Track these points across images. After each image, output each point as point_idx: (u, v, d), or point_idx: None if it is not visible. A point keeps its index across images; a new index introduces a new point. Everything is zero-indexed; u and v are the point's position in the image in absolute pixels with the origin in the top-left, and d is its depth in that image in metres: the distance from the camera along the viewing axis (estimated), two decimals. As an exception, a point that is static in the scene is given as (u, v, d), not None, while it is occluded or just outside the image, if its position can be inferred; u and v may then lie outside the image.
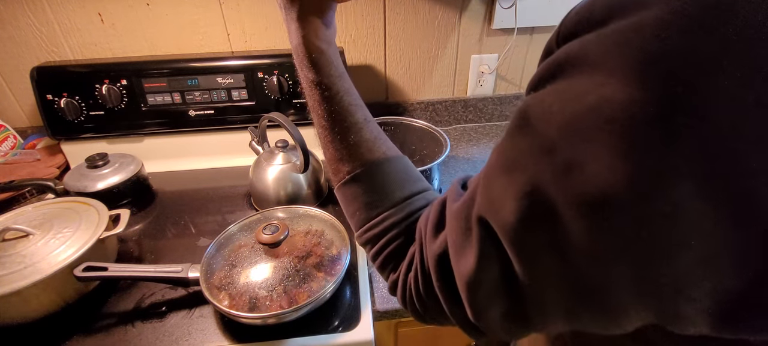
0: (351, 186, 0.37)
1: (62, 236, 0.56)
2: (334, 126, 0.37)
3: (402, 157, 0.38)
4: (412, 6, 0.92)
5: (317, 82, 0.37)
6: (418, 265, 0.31)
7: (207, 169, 0.92)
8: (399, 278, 0.34)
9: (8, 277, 0.50)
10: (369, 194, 0.36)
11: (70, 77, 0.80)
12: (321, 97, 0.37)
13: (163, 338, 0.52)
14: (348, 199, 0.38)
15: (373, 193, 0.36)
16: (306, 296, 0.50)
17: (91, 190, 0.74)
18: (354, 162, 0.36)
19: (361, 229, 0.37)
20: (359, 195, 0.36)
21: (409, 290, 0.32)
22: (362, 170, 0.36)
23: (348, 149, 0.36)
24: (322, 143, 0.39)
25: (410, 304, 0.33)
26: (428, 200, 0.36)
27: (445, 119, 1.08)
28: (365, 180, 0.36)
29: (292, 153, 0.75)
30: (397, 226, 0.34)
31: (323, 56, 0.37)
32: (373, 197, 0.36)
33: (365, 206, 0.36)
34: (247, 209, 0.78)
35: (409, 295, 0.33)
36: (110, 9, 0.84)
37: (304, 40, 0.36)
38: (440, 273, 0.28)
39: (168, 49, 0.90)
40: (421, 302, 0.32)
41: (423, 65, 1.01)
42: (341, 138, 0.36)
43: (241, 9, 0.87)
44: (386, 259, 0.35)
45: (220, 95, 0.85)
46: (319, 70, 0.36)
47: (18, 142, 0.92)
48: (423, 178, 0.38)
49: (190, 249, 0.67)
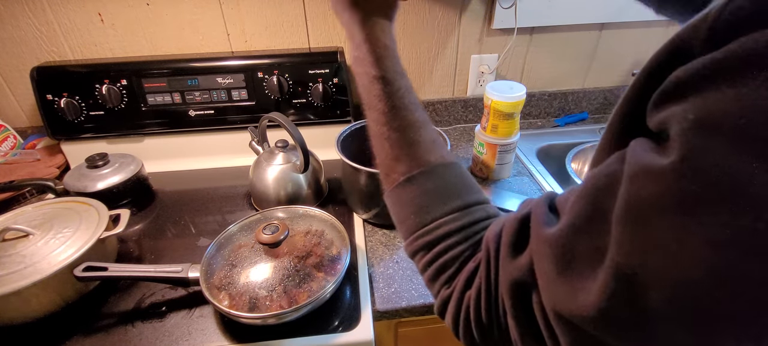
0: (406, 188, 0.34)
1: (62, 236, 0.56)
2: (393, 121, 0.35)
3: (460, 164, 0.36)
4: (412, 6, 0.92)
5: (380, 76, 0.35)
6: (483, 284, 0.28)
7: (207, 169, 0.92)
8: (452, 295, 0.30)
9: (8, 277, 0.50)
10: (425, 197, 0.33)
11: (70, 77, 0.80)
12: (382, 92, 0.35)
13: (163, 338, 0.52)
14: (401, 202, 0.35)
15: (430, 197, 0.33)
16: (306, 296, 0.50)
17: (91, 190, 0.74)
18: (411, 162, 0.34)
19: (412, 235, 0.34)
20: (414, 198, 0.34)
21: (467, 310, 0.29)
22: (420, 172, 0.34)
23: (406, 148, 0.35)
24: (376, 144, 0.37)
25: (464, 327, 0.30)
26: (489, 213, 0.33)
27: (445, 119, 1.08)
28: (422, 182, 0.34)
29: (292, 153, 0.75)
30: (455, 234, 0.31)
31: (388, 52, 0.36)
32: (429, 201, 0.33)
33: (419, 209, 0.33)
34: (247, 209, 0.78)
35: (465, 316, 0.29)
36: (110, 9, 0.84)
37: (371, 36, 0.36)
38: (517, 300, 0.25)
39: (168, 49, 0.90)
40: (481, 327, 0.28)
41: (423, 65, 1.01)
42: (400, 136, 0.35)
43: (241, 9, 0.87)
44: (439, 270, 0.32)
45: (220, 95, 0.85)
46: (383, 65, 0.36)
47: (18, 142, 0.92)
48: (481, 189, 0.35)
49: (190, 249, 0.67)
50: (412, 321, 0.64)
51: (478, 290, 0.28)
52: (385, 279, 0.62)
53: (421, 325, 0.65)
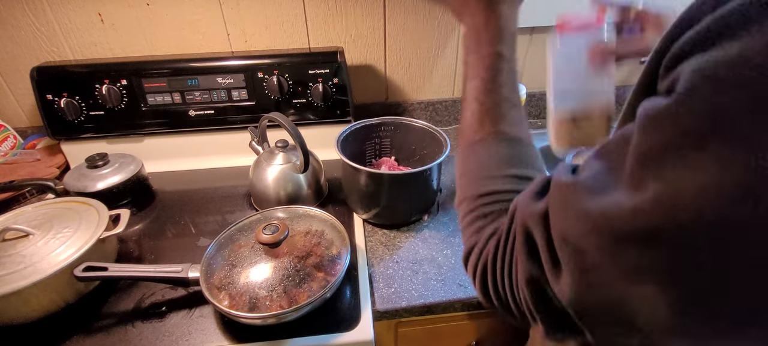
0: (479, 146, 0.37)
1: (62, 236, 0.56)
2: (492, 94, 0.37)
3: (535, 147, 0.39)
4: (412, 6, 0.92)
5: (498, 53, 0.37)
6: (504, 235, 0.30)
7: (207, 169, 0.92)
8: (477, 244, 0.34)
9: (8, 277, 0.50)
10: (492, 159, 0.36)
11: (70, 77, 0.80)
12: (494, 65, 0.37)
13: (163, 338, 0.52)
14: (471, 158, 0.38)
15: (496, 159, 0.36)
16: (306, 296, 0.50)
17: (91, 190, 0.74)
18: (493, 128, 0.37)
19: (467, 187, 0.37)
20: (483, 158, 0.36)
21: (485, 258, 0.32)
22: (498, 137, 0.36)
23: (493, 117, 0.37)
24: (467, 107, 0.38)
25: (481, 275, 0.33)
26: None
27: (445, 119, 1.08)
28: (495, 146, 0.36)
29: (292, 153, 0.75)
30: (501, 194, 0.34)
31: (507, 33, 0.37)
32: (493, 162, 0.36)
33: (482, 167, 0.36)
34: (247, 209, 0.78)
35: (483, 265, 0.32)
36: (110, 9, 0.84)
37: (499, 15, 0.37)
38: (527, 236, 0.27)
39: (168, 49, 0.90)
40: (494, 275, 0.31)
41: (423, 65, 1.01)
42: (493, 107, 0.37)
43: (241, 9, 0.87)
44: (474, 219, 0.35)
45: (220, 95, 0.85)
46: (504, 45, 0.37)
47: (18, 142, 0.92)
48: (546, 173, 0.37)
49: (190, 249, 0.67)
50: (412, 321, 0.64)
51: (498, 239, 0.31)
52: (385, 279, 0.62)
53: (421, 325, 0.65)
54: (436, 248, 0.67)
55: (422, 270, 0.63)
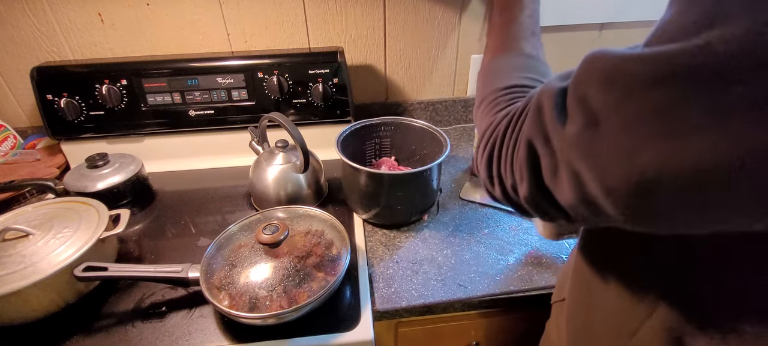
0: (502, 58, 0.44)
1: (62, 236, 0.56)
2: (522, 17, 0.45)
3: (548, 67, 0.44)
4: (412, 6, 0.92)
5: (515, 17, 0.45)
6: (519, 110, 0.33)
7: (207, 169, 0.92)
8: (490, 125, 0.36)
9: (8, 277, 0.50)
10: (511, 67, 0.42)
11: (70, 77, 0.80)
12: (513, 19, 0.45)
13: (163, 338, 0.52)
14: (493, 68, 0.43)
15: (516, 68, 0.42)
16: (306, 296, 0.50)
17: (91, 190, 0.74)
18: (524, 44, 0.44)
19: (488, 89, 0.41)
20: (502, 67, 0.42)
21: (496, 133, 0.35)
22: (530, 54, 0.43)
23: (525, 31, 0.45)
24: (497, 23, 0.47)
25: (488, 152, 0.35)
26: None
27: (445, 119, 1.08)
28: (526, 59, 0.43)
29: (292, 153, 0.75)
30: (523, 88, 0.38)
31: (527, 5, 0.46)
32: (514, 69, 0.41)
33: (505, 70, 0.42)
34: (247, 209, 0.78)
35: (493, 139, 0.35)
36: (110, 9, 0.84)
37: None
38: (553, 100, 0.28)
39: (168, 49, 0.90)
40: (499, 150, 0.34)
41: (423, 65, 1.01)
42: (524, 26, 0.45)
43: (241, 9, 0.87)
44: (493, 107, 0.38)
45: (220, 95, 0.85)
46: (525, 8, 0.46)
47: (18, 142, 0.92)
48: None
49: (190, 249, 0.67)
50: (412, 321, 0.64)
51: (511, 116, 0.34)
52: (385, 279, 0.62)
53: (421, 325, 0.65)
54: (436, 248, 0.67)
55: (422, 270, 0.63)
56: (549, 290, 0.59)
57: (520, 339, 0.72)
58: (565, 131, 0.26)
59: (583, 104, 0.25)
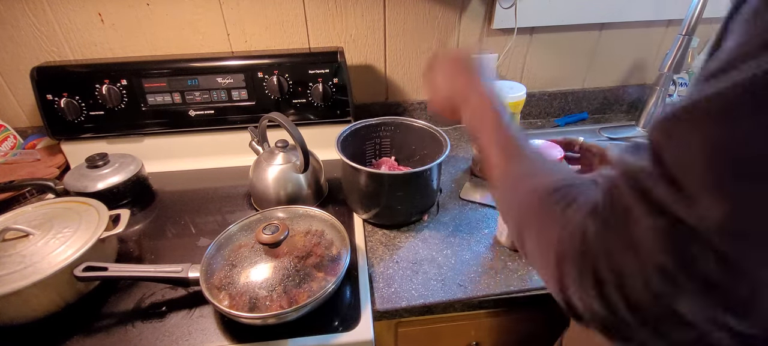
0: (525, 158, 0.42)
1: (62, 236, 0.56)
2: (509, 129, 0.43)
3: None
4: (412, 6, 0.92)
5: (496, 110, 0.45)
6: (601, 205, 0.27)
7: (207, 169, 0.92)
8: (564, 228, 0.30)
9: (8, 277, 0.50)
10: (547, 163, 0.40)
11: (70, 77, 0.80)
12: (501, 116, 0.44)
13: (163, 338, 0.52)
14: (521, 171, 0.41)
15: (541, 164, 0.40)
16: (306, 296, 0.50)
17: (91, 190, 0.74)
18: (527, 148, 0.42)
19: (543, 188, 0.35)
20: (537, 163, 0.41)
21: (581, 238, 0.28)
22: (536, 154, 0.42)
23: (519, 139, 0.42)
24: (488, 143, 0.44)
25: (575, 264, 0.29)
26: None
27: (444, 119, 1.08)
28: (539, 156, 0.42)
29: (292, 153, 0.75)
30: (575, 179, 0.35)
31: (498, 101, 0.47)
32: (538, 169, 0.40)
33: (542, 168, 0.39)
34: (247, 209, 0.78)
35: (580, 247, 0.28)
36: (110, 9, 0.84)
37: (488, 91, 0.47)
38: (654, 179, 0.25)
39: (168, 49, 0.90)
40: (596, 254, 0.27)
41: (423, 65, 1.00)
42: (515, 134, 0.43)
43: (241, 9, 0.87)
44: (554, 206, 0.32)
45: (220, 95, 0.85)
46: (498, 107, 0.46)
47: (18, 142, 0.92)
48: None
49: (190, 249, 0.67)
50: (412, 321, 0.64)
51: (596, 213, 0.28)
52: (385, 279, 0.62)
53: (421, 325, 0.65)
54: (436, 248, 0.67)
55: (422, 270, 0.63)
56: (549, 290, 0.59)
57: (521, 339, 0.72)
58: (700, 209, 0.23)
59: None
